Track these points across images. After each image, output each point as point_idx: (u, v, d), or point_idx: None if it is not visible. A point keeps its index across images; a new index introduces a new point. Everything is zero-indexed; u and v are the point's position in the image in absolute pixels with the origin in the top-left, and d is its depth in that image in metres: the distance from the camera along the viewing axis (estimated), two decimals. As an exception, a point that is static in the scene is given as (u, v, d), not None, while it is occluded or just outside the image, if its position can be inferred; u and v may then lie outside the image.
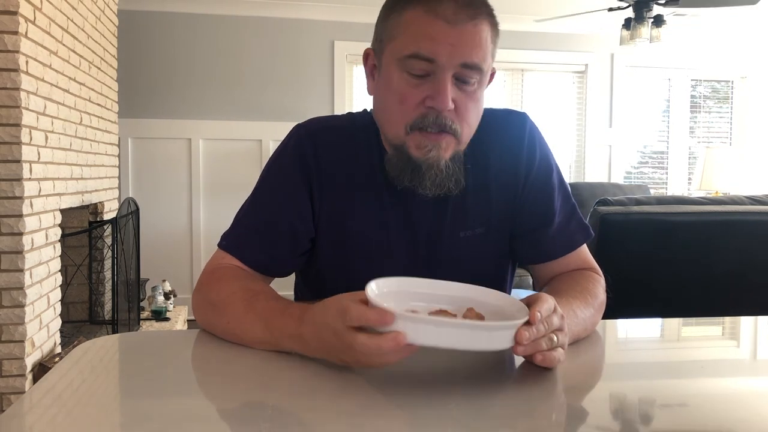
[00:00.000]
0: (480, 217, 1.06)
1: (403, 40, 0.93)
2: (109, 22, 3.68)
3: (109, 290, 3.45)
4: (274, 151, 1.12)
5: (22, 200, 2.38)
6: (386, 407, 0.67)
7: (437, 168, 0.96)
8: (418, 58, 0.91)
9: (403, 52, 0.93)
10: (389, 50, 0.96)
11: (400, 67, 0.94)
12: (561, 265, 1.09)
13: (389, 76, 0.96)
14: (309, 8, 4.69)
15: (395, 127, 0.97)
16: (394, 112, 0.96)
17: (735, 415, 0.55)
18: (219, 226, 4.74)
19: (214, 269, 1.06)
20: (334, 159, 1.05)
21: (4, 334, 2.40)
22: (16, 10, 2.32)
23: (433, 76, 0.92)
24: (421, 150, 0.95)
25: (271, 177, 1.09)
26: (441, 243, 1.05)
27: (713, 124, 5.60)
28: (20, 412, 0.66)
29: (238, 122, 4.69)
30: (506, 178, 1.07)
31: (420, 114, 0.94)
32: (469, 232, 1.05)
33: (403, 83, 0.94)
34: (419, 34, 0.91)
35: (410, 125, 0.95)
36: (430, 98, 0.92)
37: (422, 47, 0.91)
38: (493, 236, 1.07)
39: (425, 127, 0.94)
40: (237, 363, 0.85)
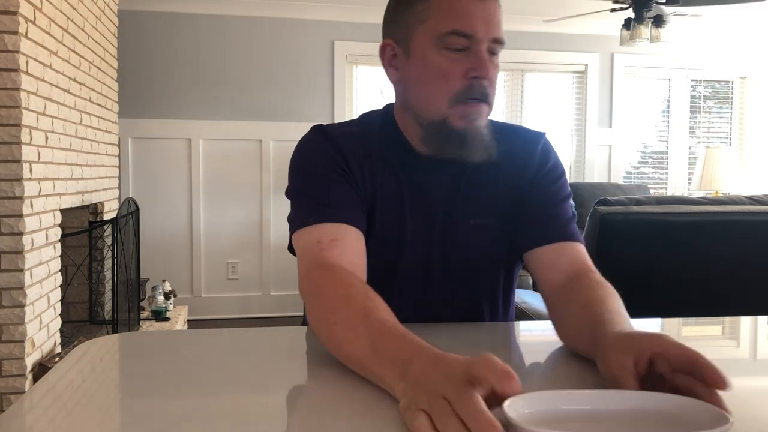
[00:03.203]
0: (489, 209, 1.11)
1: (437, 19, 0.99)
2: (109, 22, 3.68)
3: (109, 290, 3.45)
4: (301, 146, 1.12)
5: (22, 200, 2.38)
6: (387, 407, 0.67)
7: (480, 135, 1.02)
8: (457, 34, 0.98)
9: (441, 30, 0.98)
10: (421, 32, 1.01)
11: (437, 45, 0.99)
12: (558, 255, 1.05)
13: (425, 55, 1.01)
14: (309, 8, 4.69)
15: (437, 103, 1.01)
16: (436, 87, 1.01)
17: (736, 416, 0.55)
18: (219, 226, 4.77)
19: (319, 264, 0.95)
20: (361, 155, 1.08)
21: (4, 334, 2.40)
22: (16, 10, 2.32)
23: (470, 50, 0.98)
24: (465, 120, 1.01)
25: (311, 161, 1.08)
26: (456, 228, 1.09)
27: (713, 124, 5.60)
28: (20, 412, 0.66)
29: (238, 122, 4.69)
30: (516, 177, 1.11)
31: (464, 86, 0.99)
32: (479, 221, 1.10)
33: (443, 59, 0.99)
34: (455, 12, 0.98)
35: (454, 98, 1.00)
36: (473, 69, 0.98)
37: (461, 24, 0.97)
38: (501, 230, 1.11)
39: (470, 98, 1.00)
40: (237, 363, 0.85)
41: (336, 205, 1.02)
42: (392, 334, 0.74)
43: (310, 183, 1.05)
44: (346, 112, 4.88)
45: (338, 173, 1.05)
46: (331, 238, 0.97)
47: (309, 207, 1.02)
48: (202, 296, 4.68)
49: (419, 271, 1.10)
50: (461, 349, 0.88)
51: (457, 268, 1.11)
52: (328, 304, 0.85)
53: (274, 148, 4.75)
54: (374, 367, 0.72)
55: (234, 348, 0.93)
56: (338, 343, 0.79)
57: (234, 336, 1.00)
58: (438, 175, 1.09)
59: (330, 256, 0.95)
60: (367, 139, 1.09)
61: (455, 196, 1.10)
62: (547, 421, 0.59)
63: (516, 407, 0.58)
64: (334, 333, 0.80)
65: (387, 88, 5.09)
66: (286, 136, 4.75)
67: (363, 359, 0.75)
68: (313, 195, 1.03)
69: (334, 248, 0.96)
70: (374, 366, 0.73)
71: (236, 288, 4.75)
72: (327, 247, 0.96)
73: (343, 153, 1.07)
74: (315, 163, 1.07)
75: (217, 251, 4.68)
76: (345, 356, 0.78)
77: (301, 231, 1.01)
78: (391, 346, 0.72)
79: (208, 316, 4.65)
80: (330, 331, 0.81)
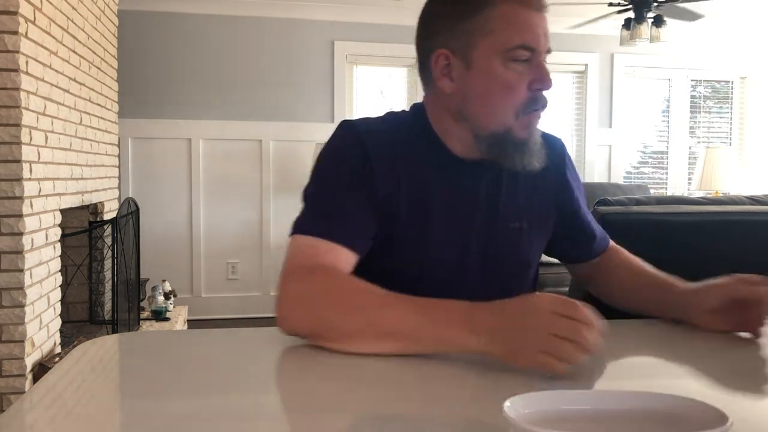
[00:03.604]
0: (526, 212, 1.13)
1: (503, 32, 1.00)
2: (109, 22, 3.68)
3: (109, 290, 3.45)
4: (328, 147, 1.09)
5: (22, 200, 2.38)
6: (387, 407, 0.67)
7: (538, 144, 1.06)
8: (523, 48, 0.99)
9: (509, 44, 0.99)
10: (486, 44, 1.01)
11: (504, 58, 1.00)
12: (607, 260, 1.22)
13: (491, 68, 1.01)
14: (309, 8, 4.69)
15: (504, 115, 1.02)
16: (503, 100, 1.02)
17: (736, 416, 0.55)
18: (219, 226, 4.76)
19: (313, 264, 0.96)
20: (388, 154, 1.07)
21: (4, 334, 2.40)
22: (16, 10, 2.32)
23: (532, 61, 1.01)
24: (526, 130, 1.03)
25: (333, 166, 1.07)
26: (495, 231, 1.10)
27: (713, 124, 5.60)
28: (20, 412, 0.66)
29: (238, 122, 4.69)
30: (551, 182, 1.16)
31: (529, 98, 1.02)
32: (518, 224, 1.12)
33: (510, 72, 1.01)
34: (522, 26, 1.00)
35: (521, 110, 1.02)
36: (537, 81, 1.01)
37: (527, 38, 0.99)
38: (534, 234, 1.14)
39: (534, 109, 1.03)
40: (237, 363, 0.85)
41: (343, 223, 1.01)
42: (432, 303, 0.82)
43: (326, 191, 1.04)
44: (346, 112, 4.88)
45: (357, 181, 1.03)
46: (327, 249, 0.98)
47: (315, 216, 1.02)
48: (202, 296, 4.68)
49: (450, 274, 1.09)
50: (461, 349, 0.88)
51: (493, 270, 1.11)
52: (342, 293, 0.87)
53: (274, 148, 4.75)
54: (440, 334, 0.81)
55: (234, 348, 0.93)
56: (384, 328, 0.83)
57: (234, 336, 1.00)
58: (478, 178, 1.10)
59: (324, 260, 0.96)
60: (396, 139, 1.08)
61: (497, 199, 1.11)
62: (547, 421, 0.59)
63: (516, 407, 0.58)
64: (374, 322, 0.84)
65: (387, 88, 5.10)
66: (286, 136, 4.76)
67: (421, 331, 0.81)
68: (325, 206, 1.03)
69: (327, 255, 0.97)
70: (439, 333, 0.81)
71: (236, 288, 4.75)
72: (321, 254, 0.97)
73: (368, 154, 1.04)
74: (337, 171, 1.05)
75: (217, 251, 4.68)
76: (400, 335, 0.82)
77: (300, 236, 1.00)
78: (439, 311, 0.82)
79: (208, 316, 4.65)
80: (367, 322, 0.84)
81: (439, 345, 0.82)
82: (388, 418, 0.64)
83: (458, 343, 0.81)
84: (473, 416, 0.65)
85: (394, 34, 4.87)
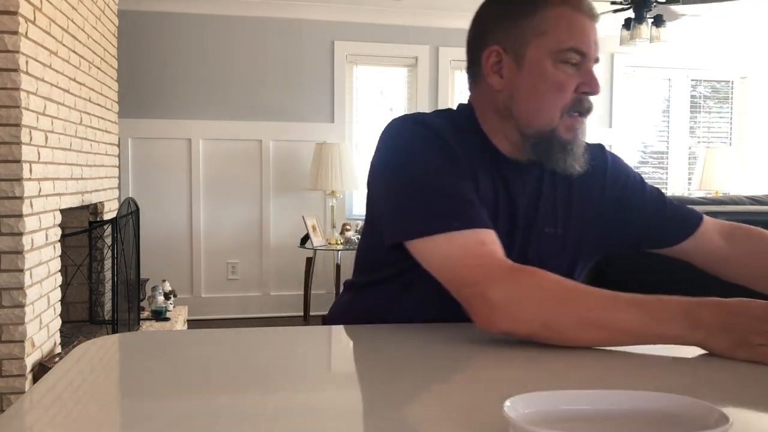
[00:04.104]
0: (562, 217, 1.13)
1: (558, 34, 1.02)
2: (109, 22, 3.68)
3: (109, 290, 3.45)
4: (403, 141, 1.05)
5: (22, 200, 2.38)
6: (387, 407, 0.67)
7: (581, 147, 1.07)
8: (575, 51, 1.02)
9: (562, 46, 1.02)
10: (539, 44, 1.03)
11: (555, 59, 1.03)
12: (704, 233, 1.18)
13: (541, 67, 1.04)
14: (309, 8, 4.69)
15: (550, 114, 1.05)
16: (552, 99, 1.04)
17: (736, 416, 0.55)
18: (219, 226, 4.76)
19: (486, 260, 0.93)
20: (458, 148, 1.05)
21: (4, 334, 2.40)
22: (16, 10, 2.32)
23: (581, 65, 1.04)
24: (571, 132, 1.06)
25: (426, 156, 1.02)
26: (531, 235, 1.10)
27: (713, 124, 5.61)
28: (20, 412, 0.66)
29: (238, 122, 4.69)
30: (592, 189, 1.15)
31: (575, 99, 1.04)
32: (552, 230, 1.12)
33: (560, 73, 1.03)
34: (575, 29, 1.03)
35: (566, 110, 1.04)
36: (586, 85, 1.04)
37: (579, 41, 1.03)
38: (564, 239, 1.13)
39: (579, 112, 1.05)
40: (237, 363, 0.85)
41: (475, 208, 0.98)
42: (649, 300, 0.86)
43: (437, 182, 0.99)
44: (346, 112, 4.89)
45: (461, 167, 1.01)
46: (484, 239, 0.95)
47: (443, 210, 0.96)
48: (202, 296, 4.69)
49: None
50: (466, 345, 0.88)
51: None
52: (566, 296, 0.88)
53: (274, 148, 4.75)
54: (659, 329, 0.85)
55: (234, 348, 0.93)
56: (602, 323, 0.86)
57: (234, 336, 1.00)
58: (523, 179, 1.10)
59: (497, 252, 0.94)
60: (460, 136, 1.07)
61: (537, 203, 1.11)
62: (547, 421, 0.59)
63: (516, 407, 0.58)
64: (592, 318, 0.86)
65: (387, 88, 5.10)
66: (286, 136, 4.76)
67: (642, 327, 0.85)
68: (445, 193, 0.98)
69: (494, 245, 0.95)
70: (659, 328, 0.85)
71: (236, 288, 4.75)
72: (489, 245, 0.95)
73: (452, 146, 1.03)
74: (435, 160, 1.01)
75: (217, 251, 4.68)
76: (618, 330, 0.86)
77: (444, 234, 0.95)
78: (659, 308, 0.86)
79: (208, 316, 4.65)
80: (587, 317, 0.86)
81: (658, 340, 0.86)
82: (387, 418, 0.64)
83: (677, 338, 0.85)
84: (473, 416, 0.65)
85: (394, 34, 4.87)
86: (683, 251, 1.19)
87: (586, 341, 0.87)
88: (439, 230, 0.95)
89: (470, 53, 1.12)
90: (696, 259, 1.20)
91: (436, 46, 4.96)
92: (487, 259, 0.93)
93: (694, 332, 0.84)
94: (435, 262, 0.97)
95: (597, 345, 0.87)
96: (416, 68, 4.98)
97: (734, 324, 0.83)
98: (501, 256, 0.95)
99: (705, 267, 1.20)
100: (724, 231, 1.18)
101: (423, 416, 0.66)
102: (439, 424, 0.63)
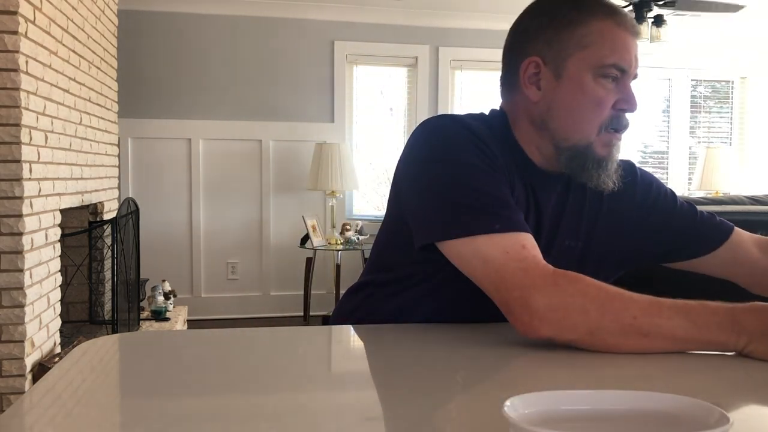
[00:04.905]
0: (583, 231, 1.12)
1: (600, 48, 1.02)
2: (109, 22, 3.68)
3: (109, 290, 3.45)
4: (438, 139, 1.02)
5: (22, 200, 2.38)
6: (387, 407, 0.67)
7: (615, 164, 1.06)
8: (616, 67, 1.02)
9: (604, 61, 1.01)
10: (580, 58, 1.02)
11: (595, 74, 1.02)
12: (738, 244, 1.15)
13: (581, 81, 1.03)
14: (309, 8, 4.69)
15: (587, 129, 1.03)
16: (590, 114, 1.03)
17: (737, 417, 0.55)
18: (219, 226, 4.76)
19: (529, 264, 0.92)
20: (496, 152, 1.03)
21: (4, 334, 2.40)
22: (16, 10, 2.32)
23: (620, 82, 1.03)
24: (607, 148, 1.05)
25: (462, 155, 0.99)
26: (551, 247, 1.09)
27: (713, 124, 5.61)
28: (20, 412, 0.66)
29: (238, 122, 4.69)
30: (621, 205, 1.14)
31: (613, 116, 1.03)
32: (571, 243, 1.11)
33: (600, 88, 1.02)
34: (618, 45, 1.02)
35: (603, 126, 1.03)
36: (624, 102, 1.03)
37: (621, 58, 1.02)
38: (589, 255, 1.12)
39: (616, 128, 1.04)
40: (237, 363, 0.85)
41: (511, 209, 0.96)
42: (693, 306, 0.86)
43: (477, 179, 0.97)
44: (346, 112, 4.89)
45: (500, 171, 1.00)
46: (525, 243, 0.93)
47: (481, 211, 0.94)
48: (202, 296, 4.68)
49: None
50: (467, 345, 0.88)
51: None
52: (609, 303, 0.87)
53: (274, 148, 4.75)
54: (704, 336, 0.85)
55: (234, 348, 0.93)
56: (647, 330, 0.86)
57: (234, 336, 1.00)
58: (550, 190, 1.09)
59: (537, 256, 0.93)
60: (495, 141, 1.05)
61: (560, 215, 1.10)
62: (547, 421, 0.59)
63: (516, 407, 0.58)
64: (637, 324, 0.86)
65: (387, 88, 5.10)
66: (286, 136, 4.76)
67: (687, 334, 0.85)
68: (486, 194, 0.96)
69: (534, 249, 0.93)
70: (703, 335, 0.85)
71: (236, 288, 4.75)
72: (529, 249, 0.93)
73: (492, 149, 1.00)
74: (471, 159, 0.98)
75: (217, 251, 4.68)
76: (663, 337, 0.86)
77: (484, 236, 0.93)
78: (702, 314, 0.86)
79: (208, 316, 4.65)
80: (631, 324, 0.86)
81: (702, 346, 0.86)
82: (387, 418, 0.64)
83: (720, 345, 0.85)
84: (473, 416, 0.65)
85: (394, 34, 4.87)
86: (719, 264, 1.17)
87: (630, 348, 0.86)
88: (480, 231, 0.93)
89: (507, 61, 1.10)
90: (734, 273, 1.17)
91: (436, 46, 4.96)
92: (530, 263, 0.91)
93: (738, 338, 0.84)
94: (474, 264, 0.94)
95: (641, 351, 0.86)
96: (416, 68, 4.98)
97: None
98: (543, 260, 0.93)
99: (745, 282, 1.17)
100: (762, 244, 1.16)
101: (423, 416, 0.65)
102: (439, 424, 0.63)
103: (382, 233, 1.15)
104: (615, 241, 1.14)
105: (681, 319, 0.85)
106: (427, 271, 1.04)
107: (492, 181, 0.98)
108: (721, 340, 0.84)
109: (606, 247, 1.13)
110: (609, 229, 1.13)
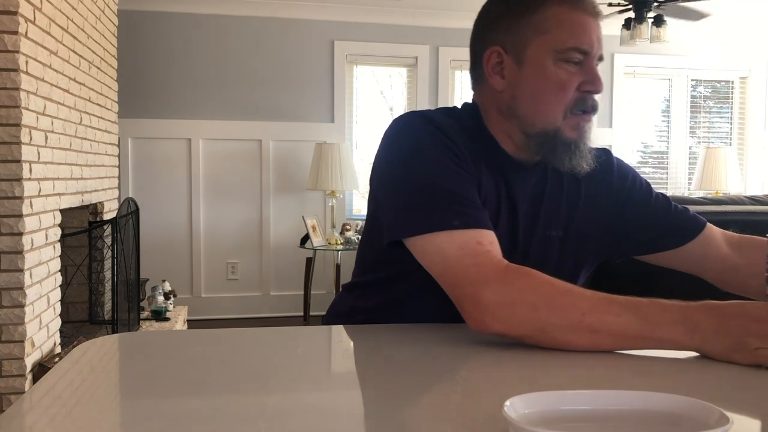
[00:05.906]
0: (564, 220, 1.12)
1: (559, 33, 1.02)
2: (109, 22, 3.68)
3: (109, 290, 3.45)
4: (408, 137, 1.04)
5: (22, 200, 2.38)
6: (386, 408, 0.67)
7: (587, 146, 1.07)
8: (576, 50, 1.02)
9: (563, 45, 1.02)
10: (539, 43, 1.03)
11: (556, 58, 1.02)
12: (710, 238, 1.15)
13: (542, 67, 1.03)
14: (309, 8, 4.69)
15: (553, 113, 1.04)
16: (554, 98, 1.03)
17: (737, 417, 0.55)
18: (219, 226, 4.76)
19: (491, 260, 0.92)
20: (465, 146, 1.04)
21: (4, 334, 2.40)
22: (16, 10, 2.32)
23: (584, 64, 1.03)
24: (576, 131, 1.05)
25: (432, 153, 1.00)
26: (533, 238, 1.09)
27: (713, 124, 5.60)
28: (20, 412, 0.66)
29: (238, 122, 4.69)
30: (598, 193, 1.15)
31: (578, 98, 1.04)
32: (554, 233, 1.11)
33: (561, 72, 1.03)
34: (577, 28, 1.02)
35: (569, 109, 1.04)
36: (588, 83, 1.03)
37: (581, 40, 1.02)
38: (572, 244, 1.13)
39: (583, 110, 1.05)
40: (237, 363, 0.85)
41: (476, 207, 0.96)
42: (644, 303, 0.85)
43: (440, 179, 0.98)
44: (346, 112, 4.89)
45: (465, 167, 1.00)
46: (482, 239, 0.93)
47: (444, 207, 0.95)
48: (201, 296, 4.68)
49: None
50: (466, 345, 0.88)
51: None
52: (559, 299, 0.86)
53: (274, 148, 4.75)
54: (655, 334, 0.83)
55: (234, 348, 0.93)
56: (596, 327, 0.85)
57: (234, 336, 1.00)
58: (526, 181, 1.09)
59: (493, 252, 0.93)
60: (466, 135, 1.05)
61: (539, 205, 1.10)
62: (547, 421, 0.59)
63: (516, 407, 0.58)
64: (586, 321, 0.85)
65: (387, 88, 5.10)
66: (286, 136, 4.76)
67: (637, 331, 0.84)
68: (448, 191, 0.96)
69: (491, 245, 0.94)
70: (654, 333, 0.83)
71: (236, 288, 4.75)
72: (485, 245, 0.93)
73: (458, 145, 1.01)
74: (440, 157, 0.99)
75: (217, 251, 4.68)
76: (612, 335, 0.84)
77: (444, 232, 0.93)
78: (654, 311, 0.84)
79: (208, 316, 4.65)
80: (581, 321, 0.85)
81: (653, 345, 0.85)
82: (387, 418, 0.64)
83: (673, 343, 0.84)
84: (473, 416, 0.65)
85: (394, 34, 4.87)
86: (690, 259, 1.16)
87: (580, 345, 0.85)
88: (440, 228, 0.94)
89: (472, 54, 1.11)
90: (704, 268, 1.17)
91: (436, 46, 4.96)
92: (483, 258, 0.92)
93: (691, 336, 0.83)
94: (433, 260, 0.96)
95: (591, 349, 0.85)
96: (416, 68, 4.98)
97: (730, 327, 0.81)
98: (498, 256, 0.93)
99: (714, 279, 1.17)
100: (733, 241, 1.16)
101: (423, 416, 0.66)
102: (439, 424, 0.63)
103: (365, 233, 1.17)
104: (592, 229, 1.14)
105: (631, 316, 0.84)
106: (402, 270, 1.06)
107: (455, 179, 0.98)
108: (674, 337, 0.83)
109: (584, 236, 1.14)
110: (587, 217, 1.14)
